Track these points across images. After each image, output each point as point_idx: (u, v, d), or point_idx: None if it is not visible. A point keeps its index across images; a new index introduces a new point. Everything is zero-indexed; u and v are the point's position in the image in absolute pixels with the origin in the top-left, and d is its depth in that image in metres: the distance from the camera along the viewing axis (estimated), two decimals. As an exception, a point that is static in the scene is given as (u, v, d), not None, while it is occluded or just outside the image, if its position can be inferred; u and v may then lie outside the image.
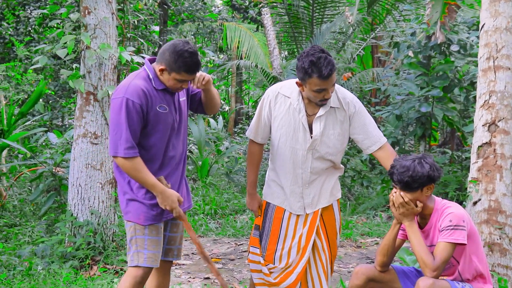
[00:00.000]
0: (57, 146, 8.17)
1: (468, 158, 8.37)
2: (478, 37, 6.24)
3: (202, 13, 16.57)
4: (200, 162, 11.77)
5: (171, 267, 6.45)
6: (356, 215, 9.46)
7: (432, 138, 9.73)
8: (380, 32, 13.47)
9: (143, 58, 6.79)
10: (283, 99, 4.30)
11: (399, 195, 3.97)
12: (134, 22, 10.70)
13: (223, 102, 24.02)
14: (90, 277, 6.13)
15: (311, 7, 13.58)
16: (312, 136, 4.25)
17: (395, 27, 12.01)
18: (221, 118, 15.55)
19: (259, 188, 7.96)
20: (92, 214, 6.59)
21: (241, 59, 15.83)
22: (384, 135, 4.43)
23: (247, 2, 18.64)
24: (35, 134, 10.96)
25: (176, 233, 4.27)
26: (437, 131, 11.75)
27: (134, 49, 7.35)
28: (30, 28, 13.02)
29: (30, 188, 9.49)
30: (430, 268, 3.85)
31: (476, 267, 4.06)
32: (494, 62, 5.53)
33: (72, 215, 6.59)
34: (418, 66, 8.90)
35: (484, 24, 5.67)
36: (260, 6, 15.05)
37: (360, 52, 13.27)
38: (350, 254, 7.41)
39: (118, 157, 3.86)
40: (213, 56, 20.05)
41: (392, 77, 9.91)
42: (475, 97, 5.87)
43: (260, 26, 17.72)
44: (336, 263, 6.85)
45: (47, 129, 11.66)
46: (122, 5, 7.59)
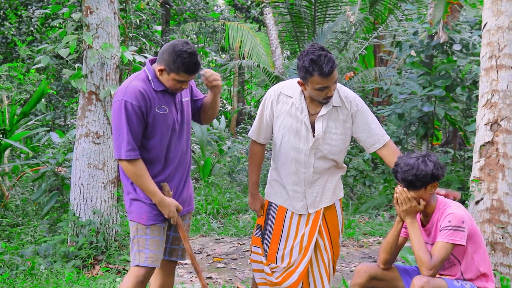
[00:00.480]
0: (59, 146, 8.17)
1: (471, 157, 8.37)
2: (480, 36, 6.23)
3: (204, 12, 16.55)
4: (202, 162, 11.77)
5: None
6: (358, 215, 9.46)
7: (435, 138, 9.71)
8: (382, 32, 13.47)
9: (145, 57, 6.79)
10: (285, 98, 4.30)
11: (402, 191, 3.97)
12: (136, 21, 10.68)
13: (225, 102, 24.03)
14: (93, 276, 6.14)
15: (313, 7, 13.59)
16: (314, 136, 4.25)
17: (397, 27, 12.01)
18: (223, 118, 15.52)
19: (261, 187, 7.95)
20: (94, 213, 6.60)
21: (243, 58, 15.86)
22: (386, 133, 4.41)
23: (249, 1, 18.61)
24: (37, 133, 10.96)
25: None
26: (439, 131, 11.74)
27: (136, 48, 7.36)
28: (33, 28, 13.01)
29: (32, 187, 9.50)
30: (426, 266, 3.85)
31: (479, 267, 4.05)
32: (496, 61, 5.52)
33: (74, 214, 6.60)
34: (421, 66, 8.89)
35: (486, 23, 5.67)
36: (262, 5, 15.05)
37: (362, 51, 13.27)
38: (353, 254, 7.40)
39: (122, 160, 3.88)
40: (215, 56, 20.06)
41: (394, 76, 9.90)
42: (477, 96, 5.86)
43: (262, 26, 17.70)
44: (339, 263, 6.84)
45: (49, 128, 11.65)
46: (124, 4, 7.60)
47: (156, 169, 4.00)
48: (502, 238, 5.35)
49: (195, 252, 7.44)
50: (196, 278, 6.35)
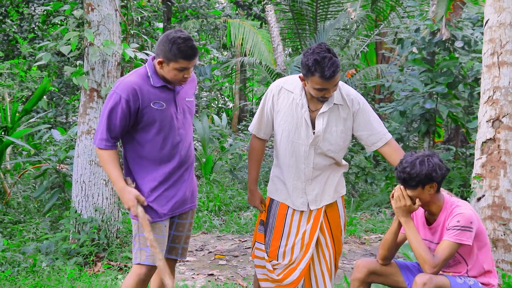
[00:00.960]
0: (61, 143, 8.17)
1: (473, 154, 8.35)
2: (482, 33, 6.23)
3: (206, 10, 16.56)
4: (204, 159, 11.77)
5: (176, 264, 6.48)
6: (360, 212, 9.46)
7: (437, 135, 9.68)
8: (384, 29, 13.44)
9: (147, 55, 6.79)
10: (286, 93, 4.29)
11: (399, 188, 3.97)
12: (138, 18, 10.70)
13: (227, 99, 24.00)
14: (94, 273, 6.14)
15: (314, 4, 13.57)
16: (314, 132, 4.24)
17: (399, 24, 12.00)
18: (225, 115, 15.54)
19: (263, 185, 7.93)
20: (96, 210, 6.60)
21: (245, 56, 15.85)
22: (388, 132, 4.41)
23: (251, -1, 18.62)
24: (39, 131, 10.98)
25: (182, 232, 4.25)
26: (441, 128, 11.71)
27: (138, 45, 7.36)
28: (34, 25, 13.03)
29: (34, 185, 9.50)
30: (430, 264, 3.84)
31: (483, 264, 4.05)
32: (498, 57, 5.51)
33: (76, 211, 6.60)
34: (422, 63, 8.88)
35: (488, 19, 5.66)
36: (264, 2, 15.02)
37: (364, 48, 13.24)
38: (354, 251, 7.40)
39: (96, 147, 3.99)
40: (217, 53, 20.05)
41: (396, 73, 9.88)
42: (479, 93, 5.85)
43: (264, 23, 17.67)
44: (340, 260, 6.84)
45: (51, 126, 11.68)
46: (126, 1, 7.59)
47: (151, 164, 4.00)
48: (504, 235, 5.34)
49: (197, 250, 7.45)
50: (198, 275, 6.36)
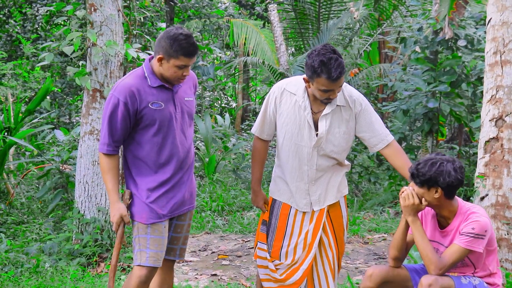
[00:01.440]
0: (64, 144, 8.18)
1: (476, 153, 8.33)
2: (485, 32, 6.22)
3: (208, 9, 16.53)
4: (207, 159, 11.76)
5: (179, 265, 6.49)
6: (363, 211, 9.45)
7: (440, 134, 9.69)
8: (387, 28, 13.42)
9: (149, 55, 6.78)
10: (289, 95, 4.28)
11: (408, 187, 3.95)
12: (140, 19, 10.69)
13: (230, 99, 24.00)
14: (97, 274, 6.15)
15: (317, 3, 13.57)
16: (317, 134, 4.23)
17: (402, 23, 11.97)
18: (228, 115, 15.52)
19: (266, 184, 7.91)
20: (99, 211, 6.60)
21: (248, 55, 15.80)
22: (391, 131, 4.41)
23: (254, -2, 18.61)
24: (42, 131, 10.98)
25: (180, 233, 4.25)
26: (444, 127, 11.71)
27: (141, 46, 7.36)
28: (37, 26, 13.04)
29: (37, 185, 9.51)
30: (436, 265, 3.81)
31: (489, 267, 4.03)
32: (501, 56, 5.50)
33: (79, 212, 6.60)
34: (425, 62, 8.87)
35: (491, 18, 5.65)
36: (266, 2, 15.02)
37: (367, 48, 13.22)
38: (357, 250, 7.39)
39: (99, 152, 4.00)
40: (220, 53, 20.03)
41: (399, 72, 9.87)
42: (482, 92, 5.84)
43: (266, 23, 17.67)
44: (343, 259, 6.84)
45: (54, 126, 11.68)
46: (128, 2, 7.60)
47: (153, 165, 3.99)
48: (507, 234, 5.33)
49: (200, 250, 7.45)
50: (201, 275, 6.36)
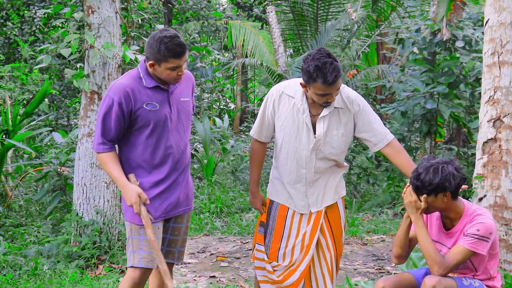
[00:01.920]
0: (62, 146, 8.17)
1: (474, 154, 8.34)
2: (483, 32, 6.22)
3: (206, 11, 16.54)
4: (205, 161, 11.76)
5: (177, 267, 6.48)
6: (362, 212, 9.45)
7: (438, 135, 9.68)
8: (385, 29, 13.44)
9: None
10: (287, 98, 4.28)
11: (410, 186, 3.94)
12: (138, 21, 10.68)
13: (228, 101, 24.01)
14: (96, 276, 6.14)
15: (315, 5, 13.58)
16: (315, 137, 4.23)
17: (400, 24, 11.98)
18: (226, 116, 15.53)
19: (264, 186, 7.90)
20: (97, 213, 6.59)
21: (246, 57, 15.81)
22: (390, 132, 4.39)
23: (252, 0, 18.62)
24: (40, 134, 10.96)
25: (178, 236, 4.24)
26: (442, 128, 11.72)
27: (138, 48, 7.36)
28: (35, 28, 13.04)
29: (35, 188, 9.50)
30: (439, 266, 3.78)
31: (490, 270, 4.02)
32: (499, 57, 5.50)
33: (77, 214, 6.59)
34: (423, 63, 8.88)
35: (488, 19, 5.65)
36: (264, 3, 15.03)
37: (365, 49, 13.24)
38: (356, 252, 7.39)
39: (95, 152, 4.00)
40: (218, 54, 20.03)
41: (397, 73, 9.88)
42: (480, 93, 5.84)
43: (265, 24, 17.70)
44: (342, 261, 6.84)
45: (52, 128, 11.67)
46: (126, 4, 7.59)
47: (147, 166, 3.99)
48: (506, 235, 5.33)
49: (198, 252, 7.44)
50: (200, 277, 6.35)
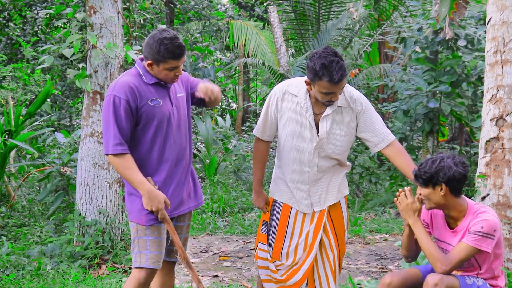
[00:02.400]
0: (64, 146, 8.18)
1: (477, 153, 8.33)
2: (485, 31, 6.20)
3: (208, 11, 16.54)
4: (207, 161, 11.76)
5: (180, 266, 6.48)
6: (364, 212, 9.45)
7: (440, 134, 9.67)
8: (387, 28, 13.43)
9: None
10: (290, 97, 4.28)
11: (404, 191, 3.95)
12: (140, 21, 10.69)
13: (230, 100, 24.02)
14: (99, 276, 6.14)
15: (317, 4, 13.58)
16: (318, 135, 4.23)
17: (402, 23, 11.97)
18: (228, 116, 15.53)
19: (267, 185, 7.88)
20: (100, 213, 6.60)
21: (248, 57, 15.82)
22: (392, 131, 4.42)
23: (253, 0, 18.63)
24: (43, 134, 10.98)
25: (180, 234, 4.23)
26: (445, 127, 11.70)
27: (141, 48, 7.34)
28: (37, 29, 13.05)
29: (38, 188, 9.51)
30: (442, 262, 3.78)
31: (495, 271, 4.02)
32: (501, 56, 5.49)
33: (80, 214, 6.60)
34: (426, 62, 8.87)
35: (490, 18, 5.63)
36: (266, 3, 15.04)
37: (367, 48, 13.23)
38: (359, 251, 7.39)
39: (109, 154, 3.87)
40: (220, 54, 20.04)
41: (399, 72, 9.87)
42: (483, 91, 5.83)
43: (266, 24, 17.69)
44: (345, 260, 6.83)
45: (54, 129, 11.68)
46: (128, 4, 7.59)
47: (153, 163, 3.98)
48: (509, 234, 5.32)
49: (201, 251, 7.44)
50: (203, 277, 6.35)
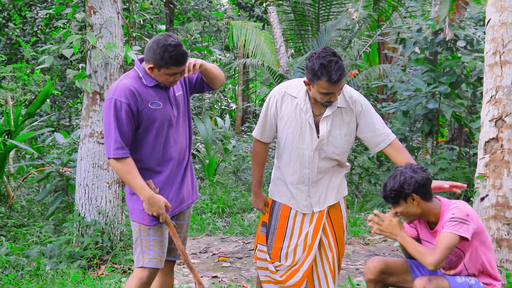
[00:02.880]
0: (64, 146, 8.18)
1: (476, 154, 8.33)
2: (484, 32, 6.21)
3: (208, 11, 16.56)
4: (207, 161, 11.77)
5: (180, 267, 6.49)
6: (364, 212, 9.44)
7: (440, 135, 9.68)
8: (386, 29, 13.44)
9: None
10: (290, 99, 4.28)
11: (371, 223, 4.04)
12: (140, 21, 10.70)
13: (230, 101, 24.02)
14: (98, 276, 6.14)
15: (317, 5, 13.58)
16: (319, 137, 4.23)
17: (402, 24, 11.98)
18: (228, 116, 15.54)
19: (266, 186, 7.89)
20: (99, 213, 6.60)
21: (247, 57, 15.84)
22: (392, 132, 4.40)
23: (253, 0, 18.62)
24: (42, 134, 10.98)
25: (180, 233, 4.24)
26: (444, 128, 11.71)
27: (140, 48, 7.36)
28: (37, 29, 13.04)
29: (37, 188, 9.51)
30: (429, 254, 3.81)
31: (483, 263, 4.05)
32: (500, 57, 5.50)
33: (79, 215, 6.61)
34: (425, 62, 8.87)
35: (490, 19, 5.64)
36: (266, 4, 15.04)
37: (366, 49, 13.24)
38: (358, 252, 7.39)
39: (110, 158, 3.86)
40: (219, 55, 20.04)
41: (399, 73, 9.87)
42: (482, 92, 5.83)
43: (266, 24, 17.71)
44: (344, 261, 6.84)
45: (54, 129, 11.68)
46: (128, 4, 7.60)
47: (154, 164, 3.98)
48: (508, 234, 5.33)
49: (200, 252, 7.45)
50: (202, 277, 6.35)
